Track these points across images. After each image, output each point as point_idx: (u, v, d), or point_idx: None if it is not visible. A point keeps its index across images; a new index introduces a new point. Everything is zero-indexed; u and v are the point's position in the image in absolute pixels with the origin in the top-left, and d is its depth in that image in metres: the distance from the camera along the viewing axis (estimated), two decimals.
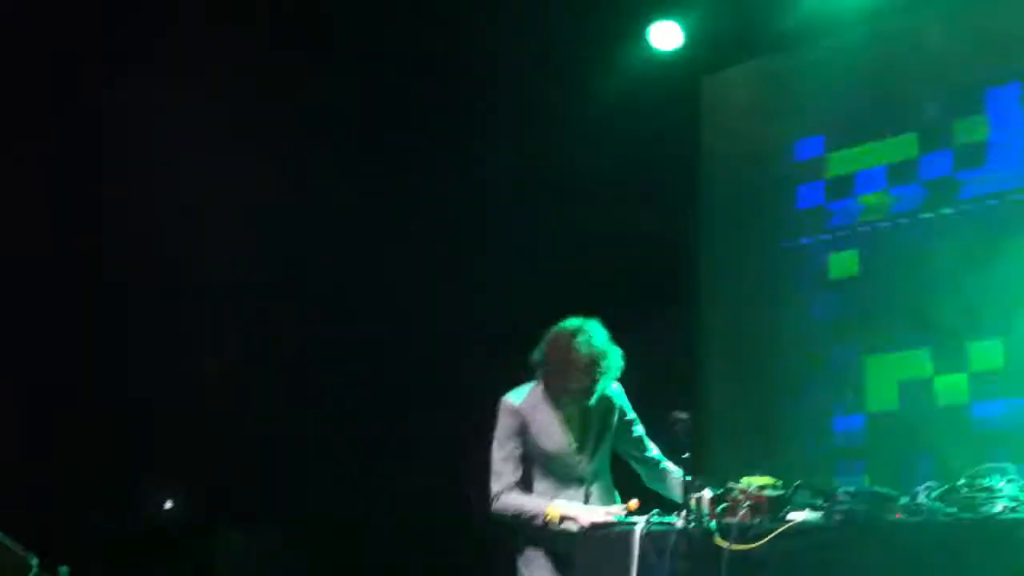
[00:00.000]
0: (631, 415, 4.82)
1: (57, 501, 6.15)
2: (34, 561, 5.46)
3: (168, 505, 7.06)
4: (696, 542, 3.84)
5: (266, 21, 6.87)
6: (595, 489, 4.74)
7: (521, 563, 4.68)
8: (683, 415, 3.99)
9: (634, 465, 4.85)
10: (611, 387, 4.72)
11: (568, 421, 4.74)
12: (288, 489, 6.79)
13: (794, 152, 6.79)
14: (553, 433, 4.71)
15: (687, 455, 3.93)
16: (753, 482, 3.88)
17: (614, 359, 4.61)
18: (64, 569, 5.67)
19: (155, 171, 6.80)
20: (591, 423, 4.77)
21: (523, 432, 4.67)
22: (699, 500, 3.88)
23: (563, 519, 4.47)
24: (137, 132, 6.61)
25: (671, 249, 6.64)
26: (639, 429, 4.83)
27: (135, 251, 6.79)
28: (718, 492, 3.89)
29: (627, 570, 4.01)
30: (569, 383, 4.63)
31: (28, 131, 6.59)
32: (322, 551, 6.65)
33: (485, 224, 7.01)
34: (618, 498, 4.71)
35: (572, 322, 4.67)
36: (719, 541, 3.79)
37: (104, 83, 6.66)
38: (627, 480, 4.73)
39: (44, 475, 6.30)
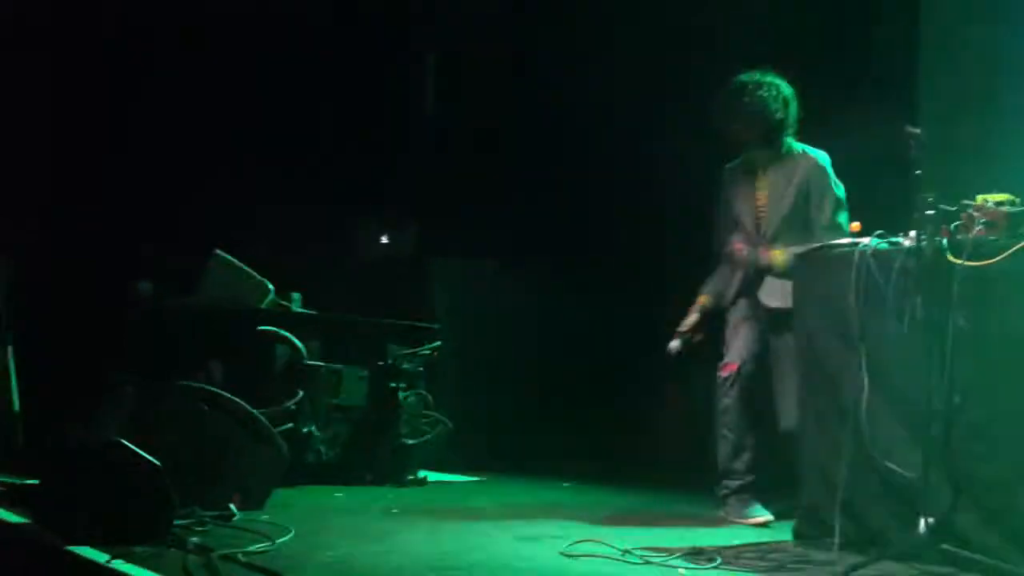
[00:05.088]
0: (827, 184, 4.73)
1: (287, 238, 6.49)
2: (270, 287, 5.85)
3: (384, 240, 7.34)
4: (926, 260, 3.76)
5: None
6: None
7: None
8: (915, 130, 3.82)
9: None
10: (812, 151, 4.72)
11: (757, 183, 4.82)
12: (505, 225, 6.91)
13: None
14: (742, 196, 4.84)
15: (919, 171, 3.78)
16: (990, 199, 3.74)
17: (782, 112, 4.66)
18: (296, 295, 6.05)
19: None
20: (778, 183, 4.75)
21: (725, 197, 4.90)
22: (930, 218, 3.76)
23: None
24: None
25: None
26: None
27: None
28: (952, 209, 3.76)
29: (848, 289, 3.98)
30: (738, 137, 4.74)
31: None
32: (534, 281, 6.82)
33: None
34: None
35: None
36: (952, 258, 3.70)
37: None
38: None
39: (275, 215, 6.64)
